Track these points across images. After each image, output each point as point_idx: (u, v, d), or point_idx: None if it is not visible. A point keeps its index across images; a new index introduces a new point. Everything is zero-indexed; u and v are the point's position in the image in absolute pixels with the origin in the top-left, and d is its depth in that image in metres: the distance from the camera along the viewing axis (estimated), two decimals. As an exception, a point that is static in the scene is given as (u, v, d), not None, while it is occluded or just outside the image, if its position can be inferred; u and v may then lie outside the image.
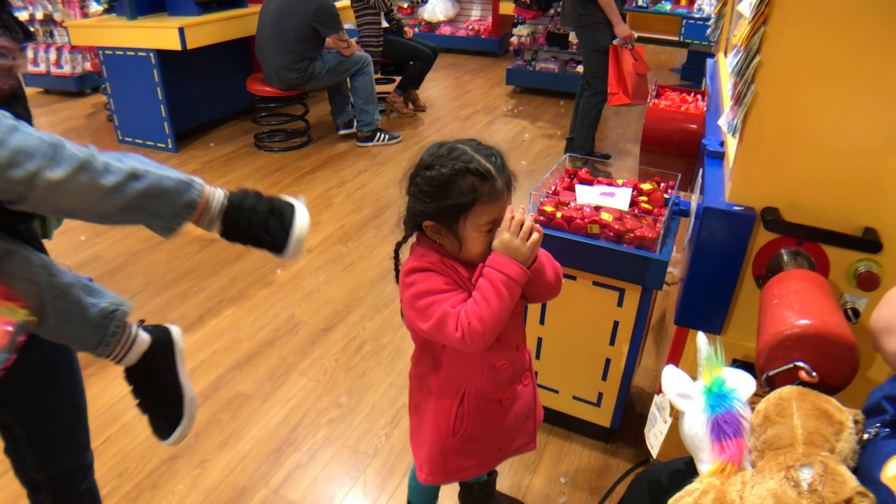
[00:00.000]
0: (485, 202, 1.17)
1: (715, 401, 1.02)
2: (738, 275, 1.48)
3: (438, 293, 1.21)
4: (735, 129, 1.35)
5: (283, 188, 4.09)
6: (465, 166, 1.16)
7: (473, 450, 1.42)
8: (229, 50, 4.88)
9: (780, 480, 0.85)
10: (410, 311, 1.26)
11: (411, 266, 1.24)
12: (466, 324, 1.17)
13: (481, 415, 1.36)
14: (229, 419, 2.19)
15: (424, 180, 1.18)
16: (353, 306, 2.87)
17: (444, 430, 1.38)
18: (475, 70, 7.24)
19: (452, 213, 1.18)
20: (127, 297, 2.80)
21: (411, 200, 1.23)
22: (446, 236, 1.22)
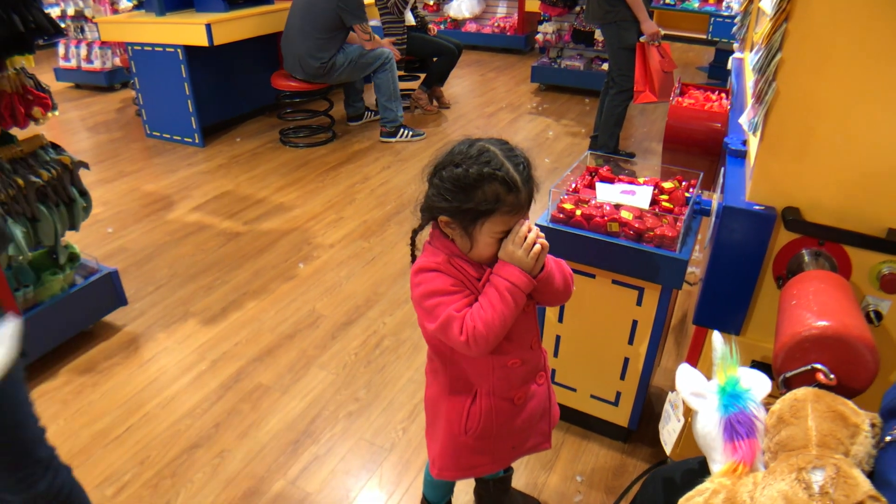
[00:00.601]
0: (505, 212, 1.17)
1: (728, 400, 1.01)
2: (758, 275, 1.46)
3: (445, 294, 1.22)
4: (756, 127, 1.33)
5: (308, 183, 4.13)
6: (494, 172, 1.15)
7: (486, 447, 1.42)
8: (255, 46, 4.93)
9: (792, 482, 0.85)
10: (418, 310, 1.28)
11: (420, 266, 1.26)
12: (471, 328, 1.19)
13: (494, 413, 1.37)
14: (249, 410, 2.23)
15: (450, 177, 1.18)
16: (373, 301, 2.89)
17: (457, 428, 1.39)
18: (500, 67, 7.22)
19: (471, 216, 1.18)
20: (152, 289, 2.89)
21: (432, 192, 1.22)
22: (459, 235, 1.22)
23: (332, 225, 3.60)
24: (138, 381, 2.35)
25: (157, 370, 2.41)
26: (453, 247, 1.26)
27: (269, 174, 4.28)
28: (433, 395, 1.46)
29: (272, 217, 3.67)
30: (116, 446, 2.07)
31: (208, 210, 3.74)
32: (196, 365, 2.44)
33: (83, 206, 2.45)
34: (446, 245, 1.26)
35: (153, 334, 2.62)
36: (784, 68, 1.29)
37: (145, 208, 3.75)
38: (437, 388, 1.43)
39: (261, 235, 3.46)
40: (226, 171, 4.30)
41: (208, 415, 2.20)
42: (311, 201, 3.89)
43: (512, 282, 1.20)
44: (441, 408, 1.42)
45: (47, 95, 2.32)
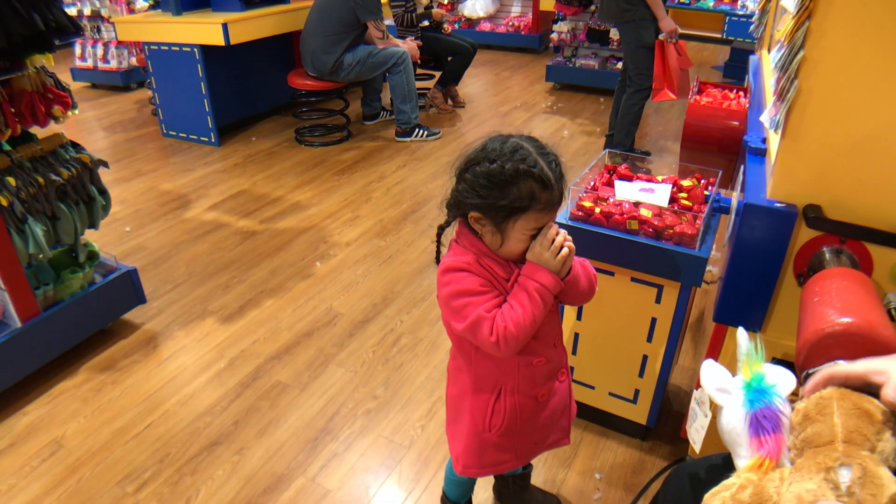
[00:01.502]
0: (539, 210, 1.18)
1: (754, 396, 1.00)
2: (779, 272, 1.46)
3: (474, 295, 1.23)
4: (778, 125, 1.33)
5: (324, 182, 4.15)
6: (529, 170, 1.15)
7: (509, 444, 1.43)
8: (271, 46, 4.96)
9: (819, 482, 0.85)
10: (446, 309, 1.28)
11: (448, 265, 1.25)
12: (502, 328, 1.20)
13: (518, 410, 1.38)
14: (268, 408, 2.24)
15: (483, 173, 1.17)
16: (390, 299, 2.89)
17: (481, 425, 1.39)
18: (514, 66, 7.22)
19: (504, 213, 1.18)
20: (170, 287, 2.91)
21: (463, 187, 1.21)
22: (490, 231, 1.22)
23: (348, 224, 3.61)
24: (157, 378, 2.38)
25: (175, 368, 2.43)
26: (481, 244, 1.26)
27: (284, 173, 4.30)
28: (457, 393, 1.46)
29: (288, 216, 3.69)
30: (137, 444, 2.09)
31: (225, 209, 3.77)
32: (214, 363, 2.46)
33: (102, 205, 2.47)
34: (474, 243, 1.26)
35: (171, 332, 2.64)
36: (806, 66, 1.28)
37: (162, 207, 3.78)
38: (460, 386, 1.43)
39: (277, 234, 3.48)
40: (242, 171, 4.33)
41: (227, 412, 2.21)
42: (327, 200, 3.90)
43: (541, 283, 1.21)
44: (465, 405, 1.42)
45: (67, 94, 2.35)
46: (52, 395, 2.30)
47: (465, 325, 1.23)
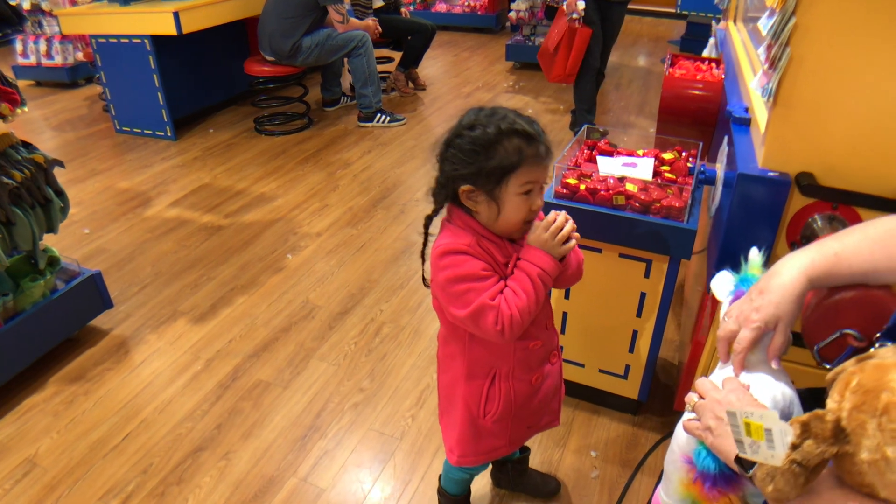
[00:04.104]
0: (530, 164, 1.14)
1: (743, 282, 1.14)
2: (774, 241, 1.44)
3: (476, 280, 1.18)
4: (770, 94, 1.30)
5: (287, 171, 4.04)
6: (511, 127, 1.13)
7: (504, 430, 1.41)
8: (226, 33, 4.80)
9: None
10: (443, 295, 1.22)
11: (446, 247, 1.19)
12: (507, 316, 1.17)
13: (513, 395, 1.36)
14: (251, 408, 2.17)
15: (468, 140, 1.15)
16: (368, 288, 2.83)
17: (476, 411, 1.37)
18: (473, 47, 7.14)
19: (495, 176, 1.14)
20: (136, 290, 2.80)
21: (448, 165, 1.18)
22: (484, 202, 1.18)
23: (317, 213, 3.53)
24: (132, 386, 2.28)
25: (150, 374, 2.34)
26: (476, 224, 1.21)
27: (246, 164, 4.18)
28: (449, 381, 1.42)
29: (254, 208, 3.59)
30: (116, 456, 2.00)
31: (187, 204, 3.64)
32: (190, 365, 2.37)
33: (60, 207, 2.35)
34: (468, 223, 1.21)
35: (143, 336, 2.54)
36: (798, 33, 1.26)
37: (121, 206, 3.63)
38: (453, 373, 1.40)
39: (244, 228, 3.37)
40: (201, 164, 4.19)
41: (209, 416, 2.14)
42: (293, 190, 3.81)
43: (542, 267, 1.19)
44: (458, 392, 1.39)
45: (15, 90, 2.21)
46: (21, 412, 2.19)
47: (467, 312, 1.18)
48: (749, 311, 1.00)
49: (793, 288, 0.97)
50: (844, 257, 0.98)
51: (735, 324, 1.02)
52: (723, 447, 0.90)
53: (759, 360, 1.03)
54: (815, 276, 0.98)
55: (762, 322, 0.98)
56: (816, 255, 0.99)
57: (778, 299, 0.97)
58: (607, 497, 1.87)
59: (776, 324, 0.99)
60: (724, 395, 0.95)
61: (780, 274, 0.99)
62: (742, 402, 0.91)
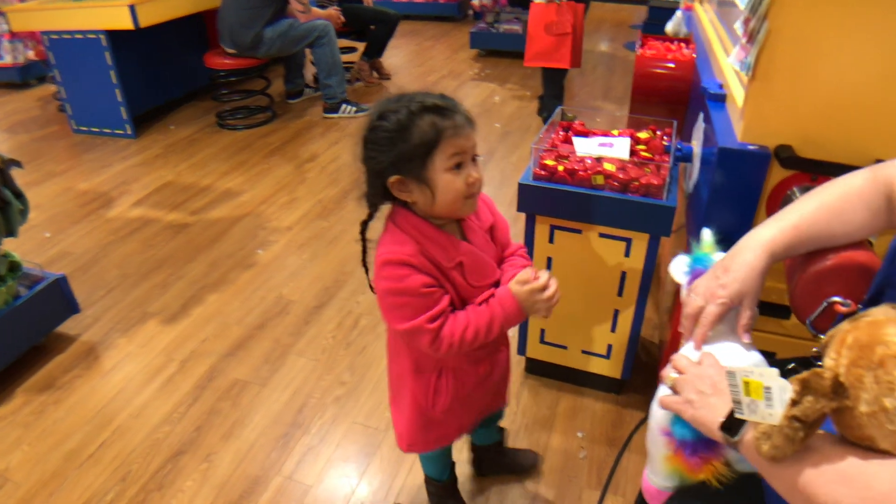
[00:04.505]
0: (450, 135, 1.10)
1: (696, 262, 1.16)
2: (754, 215, 1.45)
3: (416, 296, 1.16)
4: (749, 67, 1.30)
5: (253, 166, 3.96)
6: (421, 105, 1.10)
7: (453, 419, 1.41)
8: (185, 26, 4.67)
9: None
10: (382, 304, 1.20)
11: (387, 258, 1.16)
12: (447, 343, 1.17)
13: (460, 387, 1.34)
14: (230, 408, 2.12)
15: (381, 130, 1.11)
16: (342, 281, 2.79)
17: (424, 404, 1.35)
18: (436, 36, 7.09)
19: (418, 157, 1.10)
20: (103, 293, 2.72)
21: (369, 161, 1.15)
22: (416, 189, 1.14)
23: (286, 207, 3.46)
24: (104, 392, 2.21)
25: (122, 378, 2.27)
26: (419, 222, 1.17)
27: (210, 160, 4.08)
28: (398, 373, 1.40)
29: (220, 204, 3.51)
30: (92, 465, 1.93)
31: (151, 203, 3.54)
32: (164, 368, 2.31)
33: (20, 209, 2.26)
34: (411, 222, 1.17)
35: (112, 341, 2.46)
36: (775, 5, 1.25)
37: (82, 208, 3.52)
38: (400, 366, 1.38)
39: (211, 225, 3.30)
40: (163, 161, 4.08)
41: (186, 419, 2.08)
42: (260, 184, 3.73)
43: (508, 318, 1.21)
44: (406, 385, 1.37)
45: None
46: (-11, 422, 2.11)
47: (403, 328, 1.18)
48: (715, 288, 1.03)
49: (756, 264, 1.01)
50: (803, 229, 1.03)
51: (702, 300, 1.05)
52: (704, 419, 0.91)
53: (723, 332, 1.05)
54: (776, 250, 1.02)
55: (728, 298, 1.01)
56: (776, 230, 1.03)
57: (743, 276, 1.01)
58: (596, 476, 1.87)
59: (741, 300, 1.02)
60: (704, 370, 0.96)
61: (742, 252, 1.03)
62: (721, 375, 0.93)
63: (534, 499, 1.80)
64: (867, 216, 1.03)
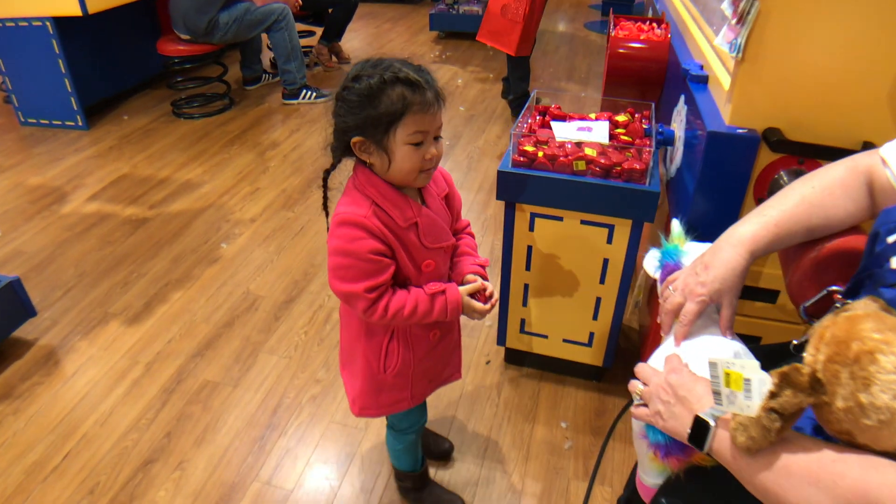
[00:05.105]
0: (416, 111, 1.12)
1: (666, 256, 1.15)
2: (743, 200, 1.42)
3: (362, 260, 1.18)
4: (739, 49, 1.26)
5: (212, 155, 3.83)
6: (395, 75, 1.11)
7: (404, 383, 1.42)
8: (136, 12, 4.47)
9: None
10: (329, 259, 1.22)
11: (344, 217, 1.18)
12: (381, 313, 1.22)
13: (411, 349, 1.37)
14: (201, 412, 2.03)
15: (354, 92, 1.13)
16: (312, 273, 2.71)
17: (375, 366, 1.37)
18: (394, 18, 6.96)
19: (382, 125, 1.13)
20: (60, 294, 2.59)
21: (339, 118, 1.17)
22: (375, 153, 1.16)
23: (249, 198, 3.35)
24: (67, 399, 2.10)
25: (85, 384, 2.16)
26: (378, 181, 1.20)
27: (167, 151, 3.93)
28: (349, 338, 1.42)
29: (180, 197, 3.38)
30: (57, 478, 1.82)
31: (107, 197, 3.39)
32: (129, 371, 2.21)
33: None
34: (370, 181, 1.20)
35: (73, 344, 2.34)
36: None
37: (34, 204, 3.35)
38: (352, 330, 1.40)
39: (171, 218, 3.17)
40: (118, 153, 3.91)
41: (155, 425, 1.99)
42: (220, 175, 3.61)
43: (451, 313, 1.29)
44: (358, 348, 1.40)
45: None
46: (-59, 437, 1.98)
47: (341, 289, 1.22)
48: (694, 285, 1.02)
49: (736, 263, 0.99)
50: (784, 226, 1.01)
51: (681, 296, 1.04)
52: (675, 429, 0.91)
53: (702, 325, 1.04)
54: (757, 248, 1.01)
55: (707, 296, 1.00)
56: (757, 226, 1.02)
57: (723, 274, 1.00)
58: (583, 467, 1.85)
59: (721, 298, 1.01)
60: (665, 378, 0.95)
61: (723, 249, 1.02)
62: (683, 380, 0.92)
63: (521, 493, 1.77)
64: (850, 206, 1.02)
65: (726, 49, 1.31)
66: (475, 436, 1.94)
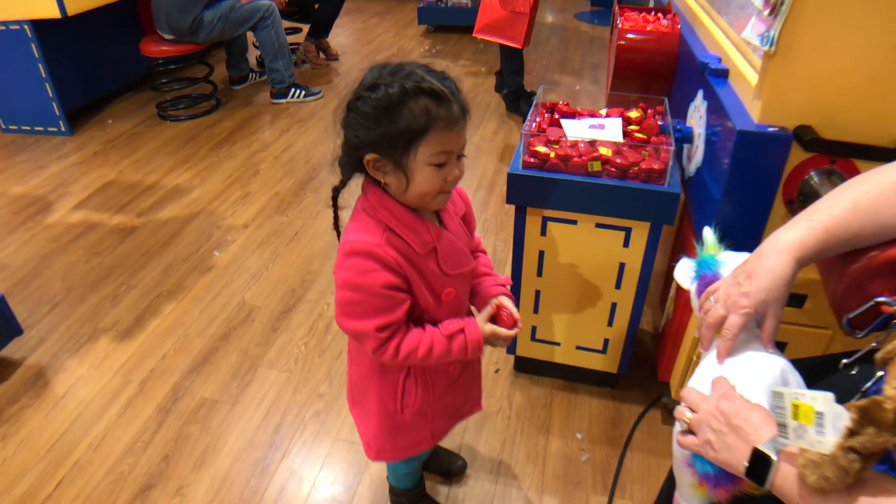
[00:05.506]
0: (440, 128, 0.98)
1: (703, 266, 1.09)
2: (772, 203, 1.34)
3: (373, 295, 1.06)
4: (772, 42, 1.18)
5: (201, 159, 3.72)
6: (418, 85, 0.97)
7: (423, 422, 1.31)
8: (117, 13, 4.33)
9: None
10: (336, 294, 1.11)
11: (353, 246, 1.06)
12: (391, 354, 1.10)
13: (429, 386, 1.26)
14: (199, 432, 1.94)
15: (369, 103, 0.99)
16: (309, 281, 2.62)
17: (391, 406, 1.26)
18: (381, 13, 6.84)
19: (401, 143, 0.99)
20: (47, 309, 2.48)
21: (350, 131, 1.03)
22: (392, 173, 1.03)
23: (240, 202, 3.25)
24: (58, 423, 2.00)
25: (77, 406, 2.06)
26: (392, 203, 1.07)
27: (154, 155, 3.82)
28: (361, 374, 1.30)
29: (169, 203, 3.27)
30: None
31: (93, 206, 3.28)
32: (122, 390, 2.11)
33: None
34: (383, 204, 1.07)
35: (62, 363, 2.24)
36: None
37: (18, 215, 3.23)
38: (364, 367, 1.28)
39: (161, 226, 3.07)
40: (104, 159, 3.79)
41: (152, 448, 1.89)
42: (210, 179, 3.50)
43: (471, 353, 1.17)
44: (371, 387, 1.27)
45: None
46: (-75, 467, 1.88)
47: (349, 326, 1.10)
48: (737, 296, 0.96)
49: (782, 272, 0.93)
50: (833, 232, 0.93)
51: (723, 308, 0.97)
52: (728, 461, 0.84)
53: (744, 340, 0.97)
54: (804, 256, 0.94)
55: (752, 308, 0.94)
56: (805, 232, 0.94)
57: (768, 284, 0.93)
58: (601, 480, 1.77)
59: (766, 309, 0.95)
60: (716, 404, 0.88)
61: (767, 256, 0.95)
62: (737, 407, 0.85)
63: (539, 510, 1.70)
64: None
65: (757, 42, 1.22)
66: (488, 450, 1.86)
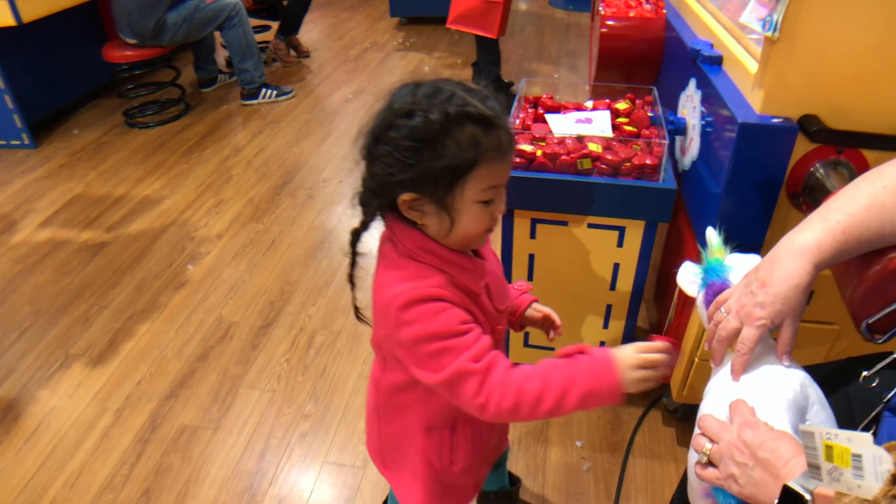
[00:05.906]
0: (490, 160, 0.86)
1: (710, 273, 1.03)
2: (777, 197, 1.26)
3: (455, 336, 0.90)
4: (775, 27, 1.09)
5: (171, 167, 3.58)
6: (463, 111, 0.83)
7: (469, 476, 1.20)
8: (76, 18, 4.16)
9: None
10: (410, 355, 0.94)
11: (411, 295, 0.90)
12: (496, 399, 0.90)
13: (478, 439, 1.13)
14: (180, 462, 1.84)
15: (405, 133, 0.84)
16: (289, 292, 2.51)
17: (439, 465, 1.12)
18: (353, 6, 6.69)
19: (445, 179, 0.85)
20: (15, 336, 2.35)
21: (380, 167, 0.88)
22: (432, 214, 0.89)
23: (213, 211, 3.13)
24: (30, 459, 1.88)
25: (50, 439, 1.94)
26: (433, 244, 0.93)
27: (122, 165, 3.67)
28: (399, 433, 1.13)
29: (139, 216, 3.14)
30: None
31: (60, 222, 3.14)
32: (97, 421, 1.99)
33: None
34: (423, 243, 0.92)
35: (32, 394, 2.11)
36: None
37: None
38: (406, 425, 1.11)
39: (132, 241, 2.94)
40: (70, 172, 3.64)
41: (131, 482, 1.79)
42: (181, 188, 3.37)
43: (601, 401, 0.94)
44: (414, 447, 1.12)
45: None
46: None
47: (441, 378, 0.91)
48: (752, 307, 0.89)
49: (799, 279, 0.86)
50: (852, 233, 0.86)
51: (736, 320, 0.90)
52: (754, 496, 0.76)
53: (759, 353, 0.90)
54: (822, 260, 0.86)
55: (768, 319, 0.88)
56: (821, 233, 0.86)
57: (784, 293, 0.86)
58: (604, 490, 1.70)
59: (782, 320, 0.87)
60: (739, 434, 0.79)
61: (782, 261, 0.87)
62: (762, 438, 0.77)
63: (542, 528, 1.62)
64: None
65: (757, 27, 1.14)
66: (485, 465, 1.78)
